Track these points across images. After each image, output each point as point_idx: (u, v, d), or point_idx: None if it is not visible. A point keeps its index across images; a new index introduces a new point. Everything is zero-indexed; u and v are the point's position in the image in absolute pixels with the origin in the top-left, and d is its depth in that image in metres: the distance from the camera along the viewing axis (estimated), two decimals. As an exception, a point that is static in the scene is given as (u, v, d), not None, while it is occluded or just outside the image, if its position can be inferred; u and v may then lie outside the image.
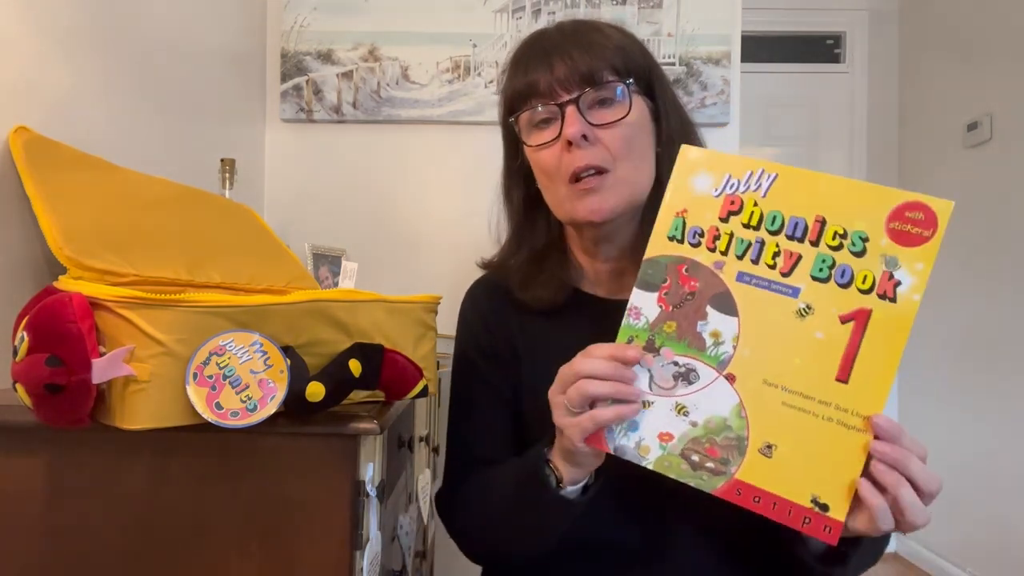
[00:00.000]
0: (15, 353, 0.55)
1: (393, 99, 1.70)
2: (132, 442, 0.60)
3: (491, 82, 1.70)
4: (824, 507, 0.53)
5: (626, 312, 0.58)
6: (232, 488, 0.61)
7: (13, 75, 0.81)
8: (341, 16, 1.69)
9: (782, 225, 0.53)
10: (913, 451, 0.52)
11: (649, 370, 0.57)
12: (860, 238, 0.52)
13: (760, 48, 2.98)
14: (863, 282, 0.52)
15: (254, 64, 1.66)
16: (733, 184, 0.54)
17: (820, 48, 3.11)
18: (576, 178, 0.71)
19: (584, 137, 0.70)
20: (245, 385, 0.56)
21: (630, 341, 0.58)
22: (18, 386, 0.54)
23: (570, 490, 0.64)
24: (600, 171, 0.70)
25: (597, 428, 0.58)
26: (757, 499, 0.55)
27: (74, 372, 0.51)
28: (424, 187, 1.73)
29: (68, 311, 0.52)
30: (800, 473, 0.53)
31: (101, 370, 0.52)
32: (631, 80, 0.71)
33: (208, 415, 0.54)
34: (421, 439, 1.09)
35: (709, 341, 0.55)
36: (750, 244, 0.54)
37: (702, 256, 0.55)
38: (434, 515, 0.95)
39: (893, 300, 0.51)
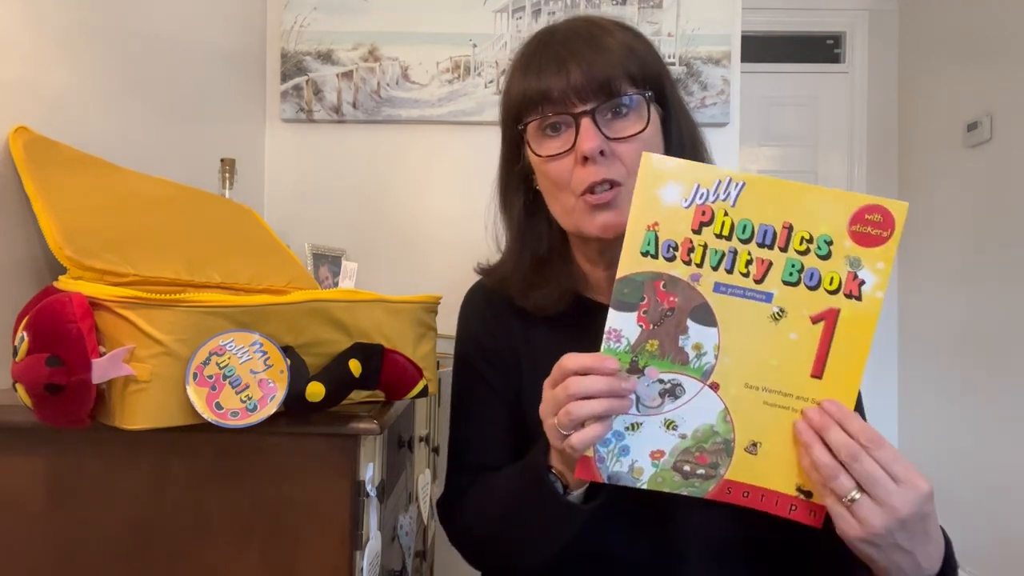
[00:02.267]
0: (15, 353, 0.55)
1: (393, 99, 1.70)
2: (132, 442, 0.60)
3: (491, 82, 1.70)
4: (808, 494, 0.56)
5: (604, 335, 0.56)
6: (232, 488, 0.61)
7: (13, 75, 0.81)
8: (341, 16, 1.69)
9: (752, 233, 0.54)
10: (862, 436, 0.52)
11: (635, 391, 0.57)
12: (825, 242, 0.53)
13: (760, 48, 2.98)
14: (830, 283, 0.54)
15: (254, 64, 1.66)
16: (703, 194, 0.54)
17: (820, 48, 3.12)
18: (590, 191, 0.68)
19: (602, 152, 0.67)
20: (245, 385, 0.56)
21: None
22: (18, 386, 0.54)
23: (575, 494, 0.63)
24: (614, 184, 0.68)
25: (585, 449, 0.57)
26: (746, 494, 0.58)
27: (74, 372, 0.51)
28: (424, 187, 1.73)
29: (68, 311, 0.52)
30: (784, 465, 0.56)
31: (101, 370, 0.52)
32: (649, 91, 0.69)
33: (208, 415, 0.54)
34: (421, 439, 1.09)
35: (692, 354, 0.56)
36: (723, 254, 0.54)
37: (679, 270, 0.55)
38: (434, 515, 0.95)
39: (859, 299, 0.53)
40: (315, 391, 0.58)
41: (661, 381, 0.56)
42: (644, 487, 0.58)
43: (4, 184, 0.77)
